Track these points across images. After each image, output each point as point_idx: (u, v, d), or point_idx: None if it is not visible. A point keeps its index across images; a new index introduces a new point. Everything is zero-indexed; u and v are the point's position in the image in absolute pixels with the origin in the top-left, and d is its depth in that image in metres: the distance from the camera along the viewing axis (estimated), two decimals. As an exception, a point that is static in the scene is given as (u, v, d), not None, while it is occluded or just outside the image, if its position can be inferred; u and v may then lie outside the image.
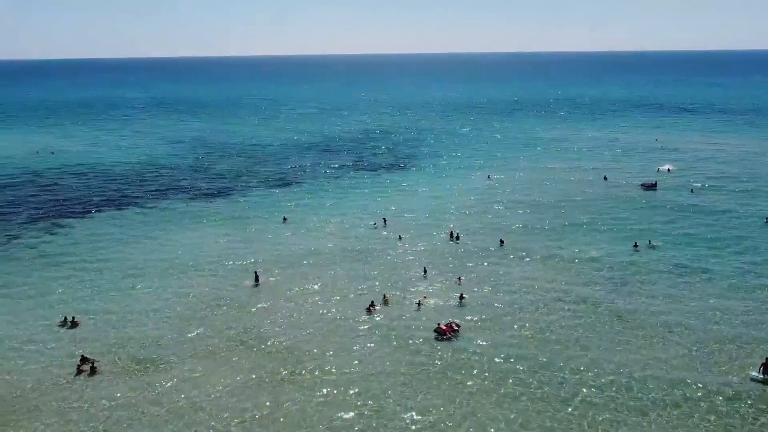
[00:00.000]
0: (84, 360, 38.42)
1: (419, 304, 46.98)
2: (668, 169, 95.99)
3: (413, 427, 31.62)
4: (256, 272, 52.96)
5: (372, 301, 46.73)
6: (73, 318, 44.62)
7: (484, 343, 40.28)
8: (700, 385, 34.53)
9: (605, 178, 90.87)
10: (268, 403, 33.87)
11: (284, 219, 70.95)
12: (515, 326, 42.71)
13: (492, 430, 31.30)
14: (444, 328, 42.01)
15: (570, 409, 32.67)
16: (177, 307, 46.76)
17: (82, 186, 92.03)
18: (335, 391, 35.03)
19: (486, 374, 36.43)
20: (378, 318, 44.76)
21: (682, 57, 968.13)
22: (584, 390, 34.43)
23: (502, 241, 61.11)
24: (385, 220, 69.20)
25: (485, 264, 55.50)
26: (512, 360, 37.96)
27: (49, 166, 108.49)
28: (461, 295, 48.06)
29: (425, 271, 53.45)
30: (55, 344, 41.45)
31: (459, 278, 51.72)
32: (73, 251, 60.80)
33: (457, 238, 62.87)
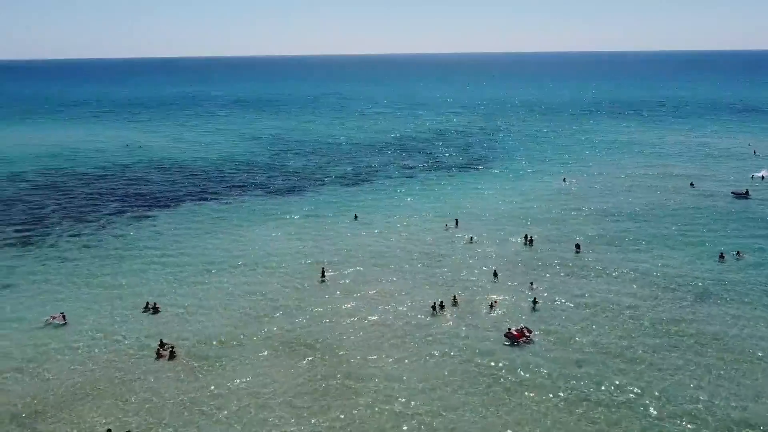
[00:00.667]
0: (163, 345, 40.10)
1: (491, 306, 46.08)
2: (762, 176, 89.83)
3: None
4: (323, 268, 53.72)
5: (441, 301, 46.26)
6: (155, 304, 46.77)
7: (557, 357, 38.74)
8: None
9: (692, 184, 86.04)
10: (327, 410, 33.45)
11: (355, 217, 71.46)
12: (590, 340, 40.77)
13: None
14: (515, 333, 40.93)
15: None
16: (245, 303, 47.70)
17: (165, 180, 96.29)
18: (398, 401, 34.19)
19: (559, 392, 34.74)
20: (446, 320, 44.17)
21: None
22: (669, 419, 31.94)
23: (578, 247, 59.00)
24: (456, 222, 68.39)
25: (560, 271, 53.66)
26: (587, 378, 36.05)
27: (136, 159, 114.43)
28: (534, 299, 46.80)
29: (495, 275, 52.35)
30: (137, 329, 43.54)
31: (531, 283, 50.35)
32: (155, 243, 63.66)
33: (531, 242, 61.23)
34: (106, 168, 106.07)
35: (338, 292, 49.72)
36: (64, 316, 44.83)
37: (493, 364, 37.90)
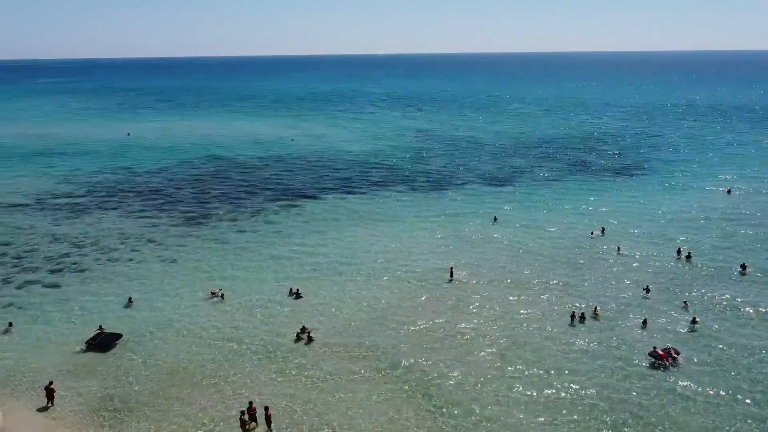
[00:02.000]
0: (304, 329, 42.11)
1: (644, 324, 42.82)
2: None
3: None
4: (451, 268, 53.16)
5: (582, 313, 43.90)
6: (298, 290, 49.31)
7: (712, 392, 34.71)
8: None
9: None
10: None
11: (495, 219, 70.00)
12: (755, 384, 35.50)
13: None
14: (661, 353, 37.81)
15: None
16: (372, 303, 47.62)
17: (314, 172, 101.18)
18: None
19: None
20: (585, 334, 41.74)
21: None
22: None
23: (743, 267, 52.96)
24: (603, 230, 64.50)
25: (719, 295, 48.24)
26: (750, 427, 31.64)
27: (289, 151, 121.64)
28: (694, 319, 42.84)
29: (647, 290, 48.46)
30: (280, 311, 46.28)
31: (684, 303, 46.10)
32: (300, 232, 67.07)
33: (688, 257, 56.04)
34: (262, 159, 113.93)
35: (467, 298, 48.61)
36: (222, 293, 48.81)
37: (634, 387, 34.99)
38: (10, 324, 44.24)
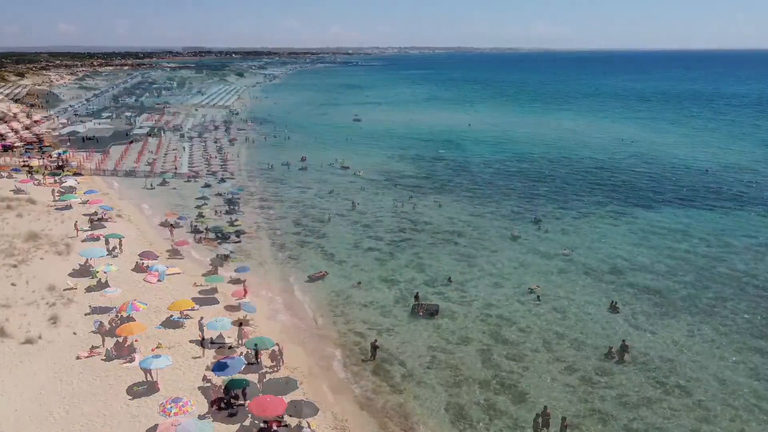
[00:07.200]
0: (623, 345, 39.19)
1: None
2: None
3: None
4: None
5: None
6: (616, 303, 46.55)
7: None
8: None
9: None
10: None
11: None
12: None
13: None
14: None
15: None
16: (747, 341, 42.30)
17: (651, 179, 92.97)
18: None
19: None
20: None
21: None
22: None
23: None
24: None
25: None
26: None
27: (627, 155, 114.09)
28: None
29: None
30: (595, 322, 44.23)
31: None
32: (627, 242, 62.60)
33: None
34: (595, 160, 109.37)
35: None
36: (539, 292, 48.94)
37: None
38: (359, 283, 51.76)
